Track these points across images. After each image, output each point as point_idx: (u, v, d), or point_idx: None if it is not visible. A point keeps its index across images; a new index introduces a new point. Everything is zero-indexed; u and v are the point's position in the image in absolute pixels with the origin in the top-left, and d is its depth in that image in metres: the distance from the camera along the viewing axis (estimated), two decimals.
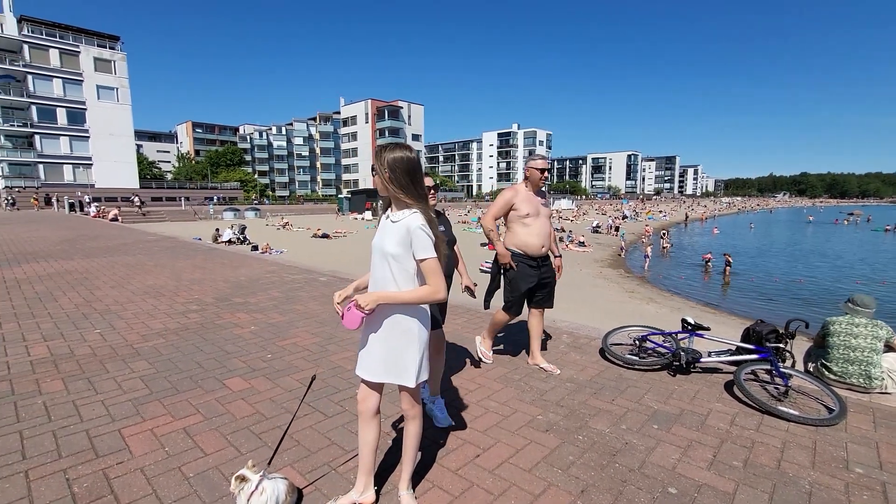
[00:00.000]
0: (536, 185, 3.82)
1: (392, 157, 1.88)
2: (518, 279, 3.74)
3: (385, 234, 1.93)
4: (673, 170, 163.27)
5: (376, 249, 1.95)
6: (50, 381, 3.52)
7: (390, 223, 1.93)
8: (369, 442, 2.05)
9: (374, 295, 1.88)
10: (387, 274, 1.91)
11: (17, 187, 40.94)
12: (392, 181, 1.88)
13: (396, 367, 1.95)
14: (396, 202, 1.95)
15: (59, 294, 6.53)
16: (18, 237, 15.18)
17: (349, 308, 1.86)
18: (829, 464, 2.49)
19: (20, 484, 2.26)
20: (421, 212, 1.90)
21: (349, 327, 1.87)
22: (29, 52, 41.94)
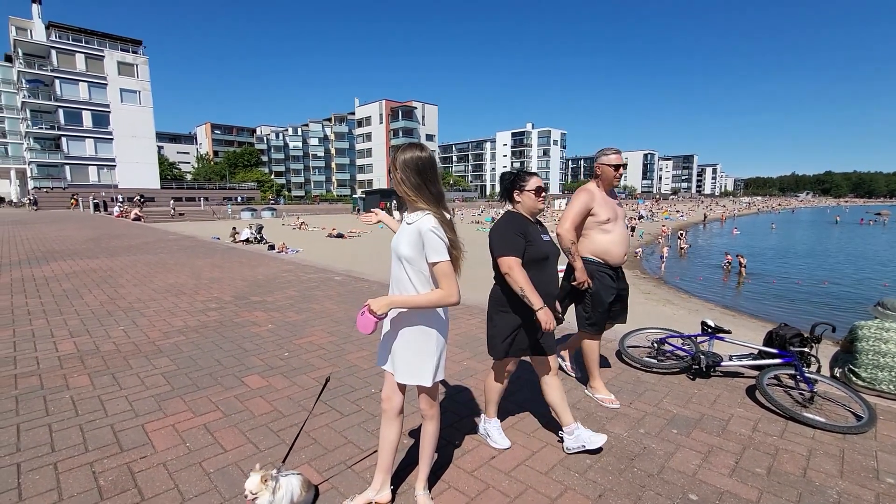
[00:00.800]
0: (610, 183, 3.33)
1: (403, 158, 1.86)
2: (601, 292, 3.26)
3: (400, 235, 1.93)
4: (690, 169, 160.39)
5: (393, 251, 1.96)
6: (77, 376, 3.62)
7: (405, 225, 1.93)
8: (391, 440, 2.07)
9: (386, 299, 1.87)
10: (403, 276, 1.91)
11: (46, 188, 42.29)
12: (403, 182, 1.87)
13: (414, 369, 1.96)
14: (410, 203, 1.92)
15: (84, 291, 6.72)
16: (46, 236, 15.67)
17: (362, 313, 1.84)
18: (857, 473, 2.41)
19: (50, 476, 2.33)
20: (434, 213, 1.86)
21: (364, 332, 1.85)
22: (56, 57, 43.28)
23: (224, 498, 2.17)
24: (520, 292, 2.31)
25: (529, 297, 2.29)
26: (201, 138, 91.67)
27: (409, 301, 1.87)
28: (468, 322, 5.19)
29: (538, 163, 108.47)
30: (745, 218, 68.33)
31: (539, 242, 2.46)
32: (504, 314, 2.50)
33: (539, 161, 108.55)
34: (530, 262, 2.41)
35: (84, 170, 45.16)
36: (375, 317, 1.82)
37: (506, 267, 2.35)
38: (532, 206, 2.52)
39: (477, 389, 3.42)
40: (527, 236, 2.42)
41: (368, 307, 1.83)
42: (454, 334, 4.74)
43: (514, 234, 2.41)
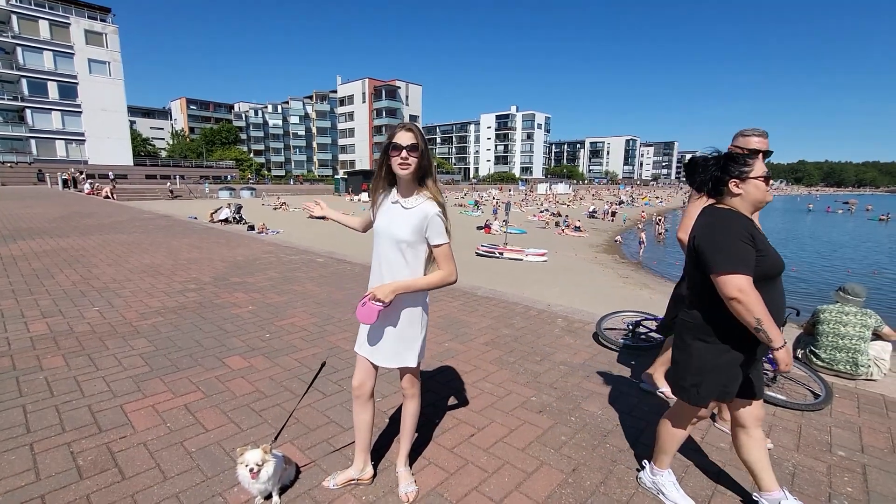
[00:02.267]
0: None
1: (424, 136, 1.87)
2: None
3: (395, 220, 1.89)
4: (671, 155, 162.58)
5: (384, 235, 1.90)
6: (50, 357, 3.55)
7: (401, 209, 1.88)
8: (367, 422, 2.10)
9: (390, 286, 1.84)
10: (399, 259, 1.89)
11: (10, 162, 40.34)
12: (422, 160, 1.84)
13: (401, 351, 1.99)
14: (409, 185, 1.88)
15: (55, 271, 6.53)
16: (12, 213, 15.05)
17: (364, 303, 1.82)
18: (812, 447, 2.57)
19: (25, 456, 2.31)
20: (436, 200, 1.87)
21: (367, 322, 1.85)
22: (18, 22, 40.79)
23: (206, 476, 2.19)
24: (754, 324, 1.68)
25: (769, 331, 1.67)
26: (176, 114, 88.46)
27: (412, 285, 1.87)
28: (450, 305, 5.24)
29: (522, 146, 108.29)
30: None
31: (770, 252, 1.81)
32: (711, 348, 1.85)
33: (523, 145, 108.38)
34: (761, 279, 1.75)
35: (51, 144, 43.16)
36: (381, 305, 1.82)
37: (734, 290, 1.68)
38: (759, 198, 1.83)
39: (458, 370, 3.49)
40: (756, 244, 1.76)
41: (372, 296, 1.82)
42: (436, 316, 4.80)
43: (742, 241, 1.74)
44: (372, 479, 2.17)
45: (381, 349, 1.99)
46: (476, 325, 4.57)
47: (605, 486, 2.18)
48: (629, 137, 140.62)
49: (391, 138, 1.82)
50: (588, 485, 2.19)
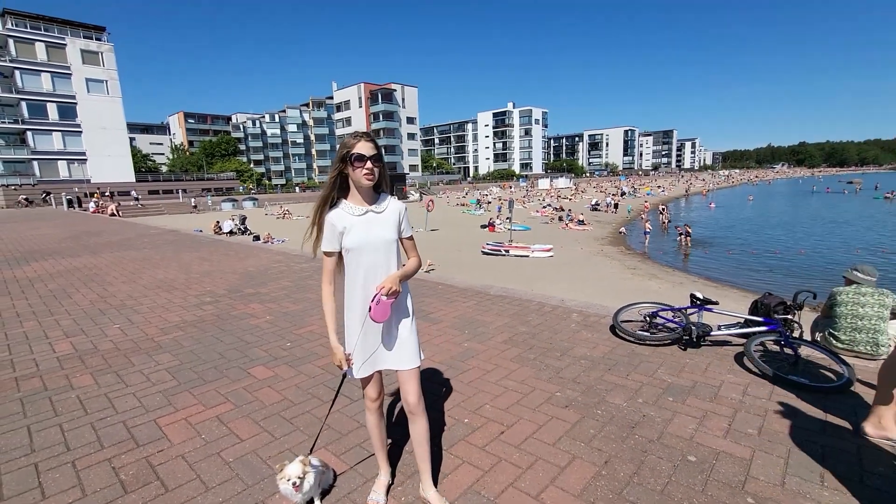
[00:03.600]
0: None
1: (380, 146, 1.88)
2: None
3: (374, 226, 1.90)
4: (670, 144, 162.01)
5: (370, 244, 1.89)
6: (79, 375, 3.61)
7: (374, 215, 1.92)
8: (383, 429, 2.14)
9: (393, 276, 1.86)
10: (385, 260, 1.92)
11: (13, 185, 40.65)
12: (384, 168, 1.90)
13: (416, 349, 2.01)
14: (369, 193, 1.92)
15: (72, 291, 6.61)
16: (22, 236, 15.20)
17: (377, 301, 1.81)
18: (839, 428, 2.59)
19: (69, 473, 2.37)
20: (395, 197, 2.01)
21: (381, 320, 1.84)
22: (15, 46, 41.10)
23: (247, 485, 2.24)
24: None
25: None
26: (174, 128, 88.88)
27: (406, 272, 1.96)
28: (464, 305, 5.28)
29: (520, 143, 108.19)
30: (725, 191, 69.70)
31: None
32: None
33: (521, 141, 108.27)
34: None
35: (53, 165, 43.46)
36: (393, 298, 1.84)
37: None
38: None
39: (480, 369, 3.53)
40: None
41: (383, 291, 1.81)
42: (451, 317, 4.84)
43: None
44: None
45: (402, 349, 1.98)
46: (492, 323, 4.60)
47: (638, 477, 2.22)
48: (627, 128, 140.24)
49: (352, 148, 1.81)
50: (622, 476, 2.23)
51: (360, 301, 1.92)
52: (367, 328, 1.92)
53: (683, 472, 2.24)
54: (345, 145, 1.83)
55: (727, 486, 2.14)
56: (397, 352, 1.98)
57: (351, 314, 1.96)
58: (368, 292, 1.90)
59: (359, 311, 1.93)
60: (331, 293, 1.98)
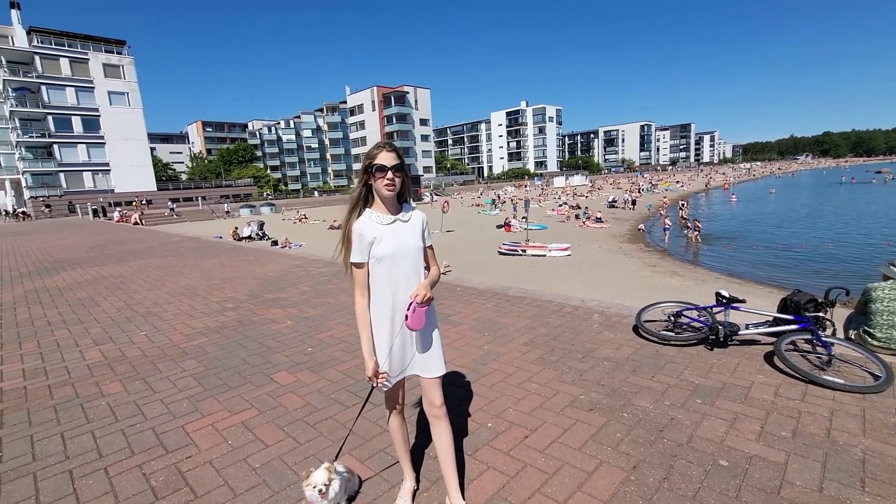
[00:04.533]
0: None
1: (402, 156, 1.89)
2: None
3: (403, 235, 1.91)
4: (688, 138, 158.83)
5: (403, 253, 1.89)
6: (109, 383, 3.70)
7: (401, 224, 1.93)
8: (406, 432, 2.15)
9: (425, 283, 1.90)
10: (416, 268, 1.94)
11: (42, 196, 42.11)
12: (407, 177, 1.91)
13: (441, 356, 2.02)
14: (393, 203, 1.93)
15: (100, 299, 6.79)
16: (50, 246, 15.71)
17: (413, 309, 1.82)
18: (880, 430, 2.49)
19: (102, 480, 2.42)
20: (416, 207, 2.04)
21: (417, 328, 1.85)
22: (41, 63, 42.63)
23: (273, 491, 2.25)
24: None
25: None
26: (193, 137, 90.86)
27: (432, 279, 1.99)
28: (483, 307, 5.25)
29: (534, 141, 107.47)
30: (746, 185, 68.08)
31: None
32: None
33: (535, 139, 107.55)
34: None
35: (79, 176, 44.89)
36: (427, 305, 1.86)
37: None
38: None
39: (502, 372, 3.50)
40: None
41: (417, 299, 1.82)
42: (470, 319, 4.81)
43: None
44: None
45: (430, 356, 1.99)
46: (512, 325, 4.57)
47: (668, 482, 2.16)
48: (644, 123, 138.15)
49: (374, 159, 1.82)
50: (651, 482, 2.18)
51: (390, 310, 1.91)
52: (399, 337, 1.92)
53: (715, 477, 2.18)
54: (368, 156, 1.84)
55: (762, 491, 2.07)
56: (425, 359, 1.98)
57: (381, 324, 1.93)
58: (399, 301, 1.90)
59: (388, 320, 1.92)
60: (366, 306, 1.94)
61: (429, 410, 2.00)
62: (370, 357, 1.91)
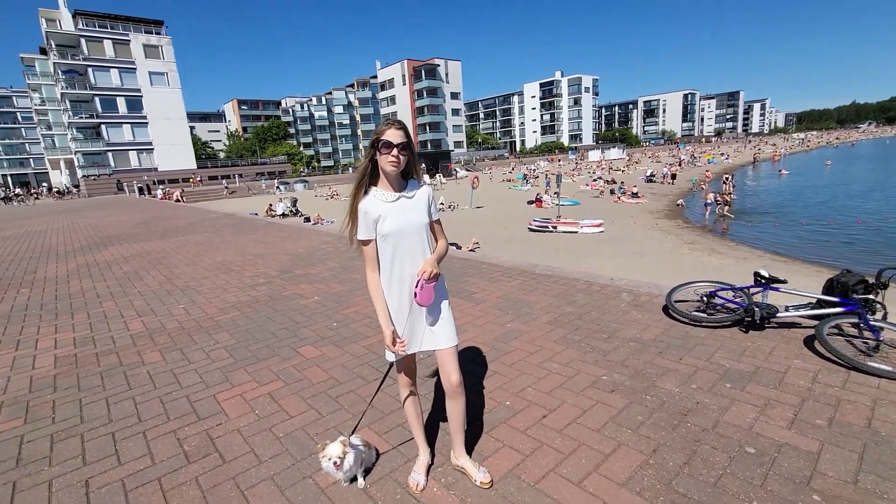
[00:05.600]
0: None
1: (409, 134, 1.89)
2: None
3: (409, 211, 1.93)
4: (736, 107, 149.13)
5: (407, 229, 1.91)
6: (149, 352, 3.93)
7: (406, 200, 1.94)
8: (420, 410, 2.20)
9: (431, 260, 1.92)
10: (421, 244, 1.95)
11: (93, 175, 44.50)
12: (412, 155, 1.92)
13: (453, 327, 2.04)
14: (398, 179, 1.94)
15: (143, 273, 7.17)
16: (100, 222, 16.65)
17: (421, 286, 1.86)
18: None
19: (141, 443, 2.59)
20: (423, 181, 2.05)
21: (427, 303, 1.90)
22: (86, 45, 44.31)
23: (296, 459, 2.35)
24: None
25: None
26: (229, 115, 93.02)
27: (439, 254, 2.00)
28: (508, 284, 5.20)
29: (569, 113, 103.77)
30: (798, 156, 63.75)
31: None
32: None
33: (570, 111, 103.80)
34: None
35: (125, 155, 47.01)
36: (435, 280, 1.90)
37: None
38: None
39: (523, 351, 3.47)
40: None
41: (425, 276, 1.85)
42: (495, 297, 4.78)
43: None
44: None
45: (442, 332, 2.01)
46: (537, 304, 4.51)
47: (689, 468, 2.10)
48: (687, 91, 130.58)
49: (381, 135, 1.83)
50: (671, 466, 2.12)
51: (398, 286, 1.95)
52: (411, 311, 1.95)
53: (740, 465, 2.10)
54: (376, 132, 1.86)
55: (790, 481, 1.98)
56: (436, 332, 2.01)
57: (391, 297, 1.97)
58: (406, 277, 1.93)
59: (396, 295, 1.96)
60: (377, 280, 1.98)
61: (446, 387, 2.03)
62: (387, 326, 1.95)
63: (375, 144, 1.85)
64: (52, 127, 56.71)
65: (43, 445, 2.64)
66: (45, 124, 58.27)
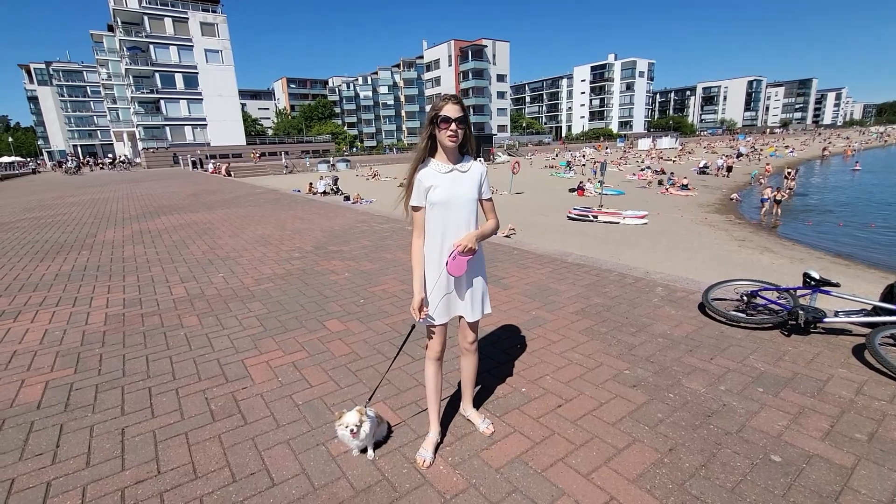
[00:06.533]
0: None
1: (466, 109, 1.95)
2: None
3: (459, 184, 2.02)
4: (807, 96, 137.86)
5: (454, 201, 2.00)
6: (188, 316, 4.16)
7: (459, 174, 2.03)
8: (441, 385, 2.23)
9: (471, 235, 1.99)
10: (467, 217, 2.03)
11: (152, 148, 47.14)
12: (469, 129, 1.99)
13: (485, 299, 2.18)
14: (454, 153, 2.02)
15: (189, 242, 7.57)
16: (155, 192, 17.67)
17: (454, 257, 1.96)
18: None
19: (173, 399, 2.76)
20: (477, 160, 2.10)
21: (456, 274, 2.00)
22: (149, 23, 46.49)
23: (311, 427, 2.43)
24: None
25: None
26: (278, 93, 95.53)
27: (484, 232, 2.07)
28: (538, 272, 5.11)
29: (620, 99, 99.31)
30: (875, 152, 58.45)
31: None
32: None
33: (622, 97, 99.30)
34: None
35: (181, 130, 49.43)
36: (470, 255, 1.98)
37: None
38: None
39: (545, 339, 3.42)
40: None
41: (460, 248, 1.95)
42: (523, 284, 4.72)
43: None
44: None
45: (473, 304, 2.12)
46: (566, 293, 4.41)
47: (706, 470, 2.01)
48: (752, 78, 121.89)
49: (439, 110, 1.91)
50: (687, 467, 2.04)
51: (438, 255, 2.04)
52: (443, 280, 2.05)
53: (762, 472, 1.99)
54: (434, 107, 1.94)
55: (816, 494, 1.86)
56: (469, 303, 2.13)
57: (430, 265, 2.07)
58: (446, 247, 2.02)
59: (436, 263, 2.05)
60: (420, 245, 2.08)
61: (461, 344, 2.27)
62: (419, 292, 2.03)
63: (434, 120, 1.93)
64: (116, 101, 60.35)
65: (89, 394, 2.87)
66: (110, 98, 62.08)
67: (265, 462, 2.18)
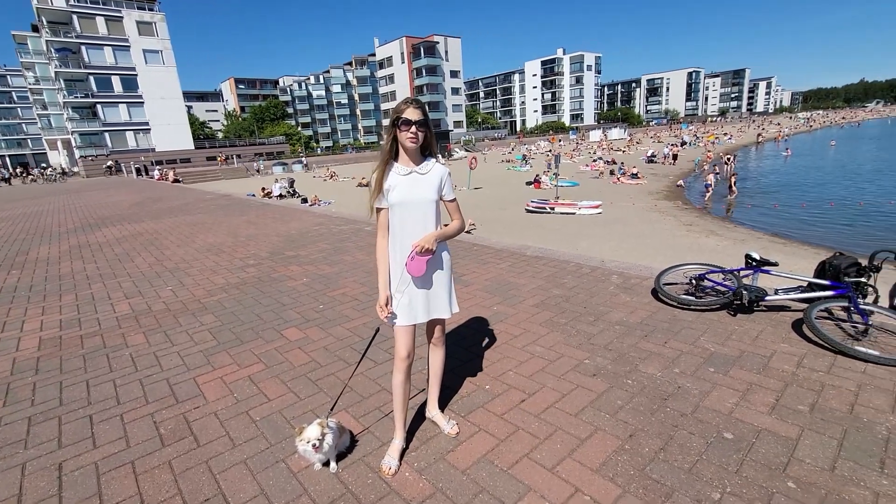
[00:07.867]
0: None
1: (426, 111, 1.99)
2: None
3: (417, 186, 2.03)
4: (741, 85, 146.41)
5: (411, 202, 2.02)
6: (133, 334, 3.90)
7: (418, 175, 2.05)
8: (408, 391, 2.18)
9: (429, 236, 2.01)
10: (424, 219, 2.05)
11: (90, 156, 44.06)
12: (429, 132, 2.02)
13: (450, 299, 2.20)
14: (416, 155, 2.05)
15: (134, 255, 7.12)
16: (97, 202, 16.54)
17: (412, 258, 1.98)
18: None
19: (117, 426, 2.57)
20: (441, 162, 2.12)
21: (415, 274, 2.01)
22: (78, 22, 43.28)
23: (270, 443, 2.33)
24: None
25: None
26: (227, 94, 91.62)
27: (445, 233, 2.08)
28: (498, 267, 5.15)
29: (571, 92, 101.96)
30: (802, 136, 62.93)
31: None
32: None
33: (572, 90, 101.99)
34: None
35: (122, 135, 46.41)
36: (429, 255, 2.00)
37: None
38: None
39: (507, 334, 3.44)
40: None
41: (419, 249, 1.97)
42: (483, 279, 4.73)
43: None
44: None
45: (438, 304, 2.14)
46: (525, 286, 4.46)
47: (665, 453, 2.08)
48: (691, 70, 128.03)
49: (400, 113, 1.94)
50: (646, 451, 2.09)
51: (401, 255, 2.06)
52: (407, 280, 2.06)
53: (717, 450, 2.07)
54: (395, 111, 1.97)
55: (766, 467, 1.96)
56: (433, 303, 2.14)
57: (393, 265, 2.10)
58: (405, 247, 2.04)
59: (399, 264, 2.08)
60: (384, 246, 2.11)
61: (430, 339, 2.30)
62: (384, 290, 2.06)
63: (395, 122, 1.96)
64: (47, 107, 55.86)
65: (20, 428, 2.62)
66: (40, 104, 57.40)
67: (220, 486, 2.06)
